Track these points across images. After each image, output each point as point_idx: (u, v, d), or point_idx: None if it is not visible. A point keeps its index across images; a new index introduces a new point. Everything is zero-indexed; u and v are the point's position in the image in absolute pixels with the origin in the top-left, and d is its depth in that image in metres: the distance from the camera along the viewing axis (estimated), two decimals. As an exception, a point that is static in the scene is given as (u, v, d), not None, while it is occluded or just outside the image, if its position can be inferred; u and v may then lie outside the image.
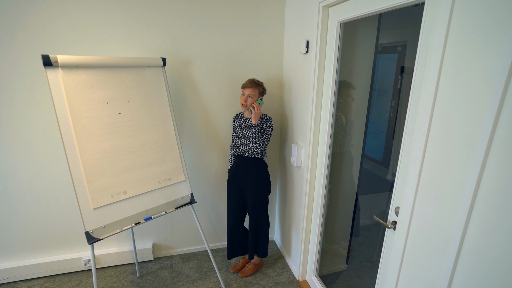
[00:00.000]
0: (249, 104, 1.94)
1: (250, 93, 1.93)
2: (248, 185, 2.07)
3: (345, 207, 2.14)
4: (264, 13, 2.14)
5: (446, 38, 0.88)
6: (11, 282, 2.16)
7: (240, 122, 2.09)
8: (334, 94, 1.68)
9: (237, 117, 2.13)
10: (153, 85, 1.77)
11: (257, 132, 1.92)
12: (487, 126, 0.77)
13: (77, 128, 1.48)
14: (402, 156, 1.16)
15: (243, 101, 1.96)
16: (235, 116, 2.15)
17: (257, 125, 1.92)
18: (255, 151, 1.95)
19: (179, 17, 2.00)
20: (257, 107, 1.91)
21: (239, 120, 2.10)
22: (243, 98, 1.96)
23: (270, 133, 1.99)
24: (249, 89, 1.93)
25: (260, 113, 1.93)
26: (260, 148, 1.94)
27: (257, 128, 1.92)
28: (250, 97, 1.93)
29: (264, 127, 1.99)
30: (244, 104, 1.96)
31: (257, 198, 2.09)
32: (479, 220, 0.81)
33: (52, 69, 1.42)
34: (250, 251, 2.21)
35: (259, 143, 1.93)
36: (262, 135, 1.98)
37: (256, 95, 1.95)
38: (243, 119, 2.07)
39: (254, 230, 2.16)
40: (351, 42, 1.74)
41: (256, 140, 1.92)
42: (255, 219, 2.13)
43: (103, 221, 1.52)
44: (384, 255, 1.30)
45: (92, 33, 1.88)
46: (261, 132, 1.99)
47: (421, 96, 0.99)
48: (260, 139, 1.94)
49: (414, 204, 1.05)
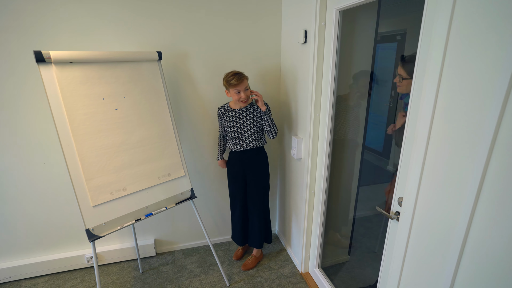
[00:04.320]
0: (249, 94, 1.90)
1: (246, 85, 1.87)
2: (252, 176, 2.11)
3: (345, 198, 2.14)
4: (261, 3, 2.09)
5: (450, 25, 0.85)
6: (15, 281, 2.16)
7: (231, 116, 1.99)
8: (334, 85, 1.66)
9: (224, 111, 2.01)
10: (149, 79, 1.74)
11: (269, 118, 1.96)
12: (493, 114, 0.74)
13: (73, 125, 1.45)
14: (404, 146, 1.14)
15: (240, 97, 1.87)
16: (220, 110, 2.04)
17: (268, 109, 1.95)
18: (272, 135, 1.99)
19: (174, 10, 1.95)
20: (259, 93, 1.92)
21: (229, 114, 1.99)
22: (238, 95, 1.87)
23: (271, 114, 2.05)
24: (241, 83, 1.84)
25: (262, 96, 1.93)
26: (276, 132, 2.00)
27: (269, 113, 1.96)
28: (247, 89, 1.88)
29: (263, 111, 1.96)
30: (243, 100, 1.88)
31: (263, 186, 2.15)
32: (484, 210, 0.80)
33: (45, 66, 1.39)
34: (257, 241, 2.25)
35: (273, 126, 1.98)
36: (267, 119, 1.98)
37: (247, 84, 1.89)
38: (234, 112, 1.98)
39: (263, 218, 2.22)
40: (350, 31, 1.71)
41: (271, 126, 1.98)
42: (261, 206, 2.18)
43: (103, 218, 1.51)
44: (388, 246, 1.30)
45: (86, 27, 1.84)
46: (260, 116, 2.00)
47: (424, 85, 0.96)
48: (272, 121, 1.98)
49: (418, 195, 1.03)
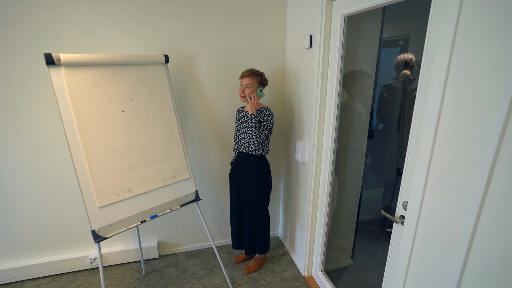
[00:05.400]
0: (247, 94, 1.85)
1: (248, 82, 1.84)
2: (247, 184, 2.03)
3: (350, 202, 2.14)
4: (267, 8, 2.12)
5: (456, 30, 0.86)
6: (19, 281, 2.17)
7: (240, 117, 2.02)
8: (338, 89, 1.67)
9: (238, 112, 2.07)
10: (156, 82, 1.76)
11: (254, 123, 1.81)
12: (499, 120, 0.75)
13: (81, 126, 1.47)
14: (410, 150, 1.15)
15: (241, 91, 1.88)
16: (237, 111, 2.09)
17: (254, 116, 1.81)
18: (252, 144, 1.83)
19: (180, 14, 1.98)
20: (255, 97, 1.82)
21: (240, 114, 2.04)
22: (241, 88, 1.88)
23: (268, 126, 1.88)
24: (247, 78, 1.84)
25: (256, 103, 1.83)
26: (257, 141, 1.82)
27: (253, 120, 1.81)
28: (248, 87, 1.85)
29: (261, 119, 1.89)
30: (242, 95, 1.88)
31: (255, 197, 2.04)
32: (490, 214, 0.80)
33: (55, 68, 1.41)
34: (246, 248, 2.21)
35: (256, 135, 1.81)
36: (259, 127, 1.88)
37: (255, 85, 1.86)
38: (242, 113, 2.00)
39: (251, 228, 2.14)
40: (355, 36, 1.72)
41: (253, 131, 1.81)
42: (252, 217, 2.10)
43: (109, 220, 1.52)
44: (392, 250, 1.30)
45: (94, 31, 1.87)
46: (258, 123, 1.87)
47: (429, 90, 0.97)
48: (257, 130, 1.83)
49: (423, 199, 1.04)
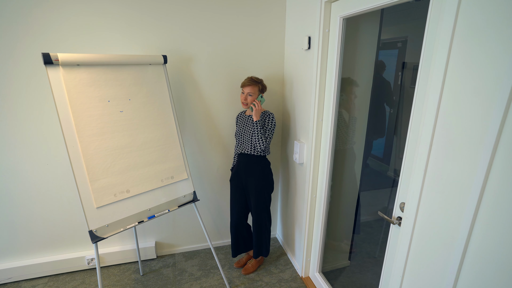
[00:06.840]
0: (250, 102, 1.94)
1: (249, 91, 1.92)
2: (251, 183, 2.06)
3: (347, 204, 2.14)
4: (265, 9, 2.13)
5: (453, 32, 0.87)
6: (15, 282, 2.16)
7: (242, 120, 2.08)
8: (337, 91, 1.68)
9: (239, 116, 2.13)
10: (154, 83, 1.76)
11: (260, 129, 1.92)
12: (495, 121, 0.76)
13: (79, 126, 1.47)
14: (407, 152, 1.15)
15: (243, 99, 1.96)
16: (238, 115, 2.15)
17: (259, 122, 1.91)
18: (259, 148, 1.94)
19: (179, 14, 1.98)
20: (258, 104, 1.91)
21: (241, 118, 2.09)
22: (243, 96, 1.96)
23: (272, 129, 1.99)
24: (248, 87, 1.93)
25: (261, 110, 1.92)
26: (264, 145, 1.93)
27: (259, 125, 1.91)
28: (250, 95, 1.93)
29: (266, 124, 1.98)
30: (245, 103, 1.96)
31: (260, 196, 2.08)
32: (486, 216, 0.81)
33: (52, 68, 1.41)
34: (255, 251, 2.21)
35: (262, 140, 1.92)
36: (265, 131, 1.97)
37: (256, 93, 1.94)
38: (245, 117, 2.07)
39: (258, 229, 2.15)
40: (353, 38, 1.73)
41: (259, 137, 1.92)
42: (258, 218, 2.12)
43: (106, 220, 1.51)
44: (389, 251, 1.30)
45: (93, 31, 1.86)
46: (263, 129, 1.98)
47: (427, 92, 0.98)
48: (263, 135, 1.93)
49: (420, 200, 1.05)
